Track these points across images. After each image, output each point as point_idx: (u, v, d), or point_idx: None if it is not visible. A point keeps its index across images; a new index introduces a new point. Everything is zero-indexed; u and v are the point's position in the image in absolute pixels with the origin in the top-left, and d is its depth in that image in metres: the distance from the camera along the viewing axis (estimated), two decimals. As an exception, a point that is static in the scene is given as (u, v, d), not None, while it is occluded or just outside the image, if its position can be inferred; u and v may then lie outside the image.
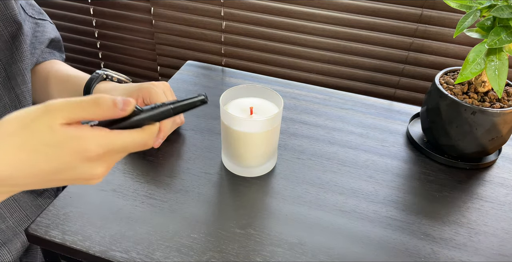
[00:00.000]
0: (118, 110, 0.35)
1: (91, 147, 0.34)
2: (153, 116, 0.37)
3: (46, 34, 0.68)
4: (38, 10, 0.69)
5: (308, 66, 0.90)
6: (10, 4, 0.57)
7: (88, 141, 0.34)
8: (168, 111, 0.37)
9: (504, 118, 0.60)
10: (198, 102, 0.38)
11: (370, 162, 0.66)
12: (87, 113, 0.34)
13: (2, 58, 0.57)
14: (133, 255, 0.51)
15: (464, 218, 0.58)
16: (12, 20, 0.58)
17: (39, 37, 0.68)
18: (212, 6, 0.89)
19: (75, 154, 0.34)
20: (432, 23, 0.78)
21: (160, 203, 0.57)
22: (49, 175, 0.35)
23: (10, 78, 0.59)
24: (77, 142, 0.34)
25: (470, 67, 0.57)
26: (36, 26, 0.67)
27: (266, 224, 0.55)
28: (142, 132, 0.37)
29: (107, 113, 0.35)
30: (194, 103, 0.37)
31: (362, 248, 0.53)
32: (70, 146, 0.34)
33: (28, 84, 0.61)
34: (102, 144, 0.35)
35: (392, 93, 0.89)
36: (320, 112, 0.75)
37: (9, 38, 0.58)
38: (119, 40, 1.02)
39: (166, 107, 0.37)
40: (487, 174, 0.65)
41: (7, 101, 0.59)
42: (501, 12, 0.53)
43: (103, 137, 0.35)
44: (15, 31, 0.59)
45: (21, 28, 0.59)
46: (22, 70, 0.60)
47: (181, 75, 0.84)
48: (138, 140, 0.37)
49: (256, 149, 0.59)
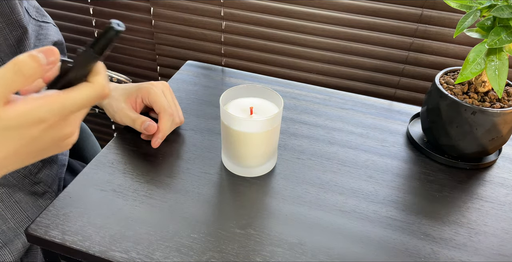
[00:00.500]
0: (44, 66, 0.33)
1: (44, 115, 0.33)
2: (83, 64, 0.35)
3: (49, 37, 0.69)
4: (42, 12, 0.70)
5: (308, 66, 0.90)
6: (16, 8, 0.57)
7: (38, 111, 0.33)
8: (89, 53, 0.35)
9: (504, 118, 0.60)
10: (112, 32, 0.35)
11: (370, 162, 0.65)
12: (14, 85, 0.32)
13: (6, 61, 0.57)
14: (133, 255, 0.51)
15: (464, 218, 0.58)
16: (18, 24, 0.58)
17: (42, 40, 0.68)
18: (212, 6, 0.89)
19: (33, 128, 0.34)
20: (432, 23, 0.78)
21: (160, 203, 0.57)
22: (20, 154, 0.35)
23: None
24: (29, 116, 0.33)
25: (470, 67, 0.57)
26: (39, 29, 0.68)
27: (266, 224, 0.55)
28: (91, 85, 0.35)
29: (36, 75, 0.33)
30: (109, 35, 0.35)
31: (362, 248, 0.53)
32: (25, 123, 0.33)
33: None
34: (55, 109, 0.34)
35: (392, 94, 0.89)
36: (320, 112, 0.75)
37: (14, 42, 0.58)
38: (119, 40, 1.02)
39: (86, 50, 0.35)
40: (487, 174, 0.65)
41: None
42: (501, 12, 0.52)
43: (52, 102, 0.33)
44: (21, 35, 0.59)
45: (27, 33, 0.59)
46: None
47: (181, 75, 0.84)
48: (91, 94, 0.35)
49: (256, 149, 0.59)
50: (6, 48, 0.57)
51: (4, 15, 0.56)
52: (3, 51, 0.57)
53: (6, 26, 0.57)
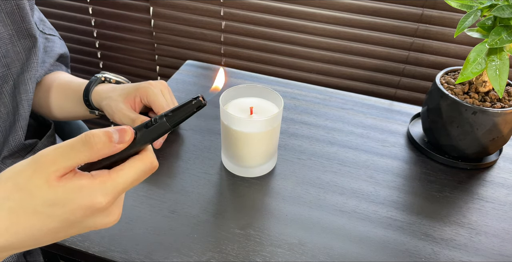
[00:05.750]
0: (114, 145, 0.31)
1: (98, 199, 0.31)
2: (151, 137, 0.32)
3: (56, 49, 0.70)
4: (49, 26, 0.71)
5: (308, 66, 0.90)
6: (28, 18, 0.58)
7: (93, 192, 0.30)
8: (165, 126, 0.32)
9: (505, 118, 0.60)
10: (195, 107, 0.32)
11: (371, 162, 0.65)
12: (81, 157, 0.30)
13: (12, 68, 0.58)
14: (132, 255, 0.50)
15: (464, 218, 0.57)
16: (27, 33, 0.59)
17: (49, 52, 0.69)
18: (211, 6, 0.88)
19: (81, 210, 0.31)
20: (432, 23, 0.78)
21: (160, 203, 0.57)
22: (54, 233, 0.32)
23: (16, 87, 0.60)
24: (81, 196, 0.30)
25: (471, 67, 0.57)
26: (46, 41, 0.69)
27: (266, 225, 0.55)
28: (142, 160, 0.33)
29: (103, 151, 0.31)
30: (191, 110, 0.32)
31: (362, 249, 0.53)
32: (74, 202, 0.30)
33: (29, 94, 0.61)
34: (109, 191, 0.31)
35: (393, 93, 0.88)
36: (320, 112, 0.75)
37: (22, 50, 0.59)
38: (118, 40, 1.02)
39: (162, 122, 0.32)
40: (488, 174, 0.65)
41: (10, 108, 0.60)
42: (502, 11, 0.52)
43: (106, 183, 0.31)
44: (29, 44, 0.60)
45: (36, 42, 0.60)
46: (26, 80, 0.61)
47: (181, 75, 0.84)
48: (142, 170, 0.33)
49: (256, 149, 0.59)
50: (14, 54, 0.58)
51: (15, 22, 0.57)
52: (10, 57, 0.58)
53: (16, 33, 0.58)
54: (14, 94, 0.60)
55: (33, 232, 0.31)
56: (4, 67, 0.57)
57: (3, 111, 0.58)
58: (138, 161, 0.32)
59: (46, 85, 0.68)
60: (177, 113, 0.31)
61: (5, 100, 0.58)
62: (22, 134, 0.62)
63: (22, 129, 0.62)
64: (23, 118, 0.62)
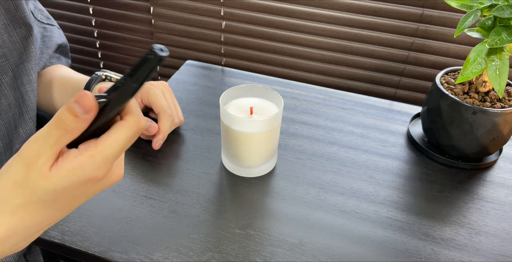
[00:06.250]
0: (85, 118, 0.30)
1: (93, 174, 0.32)
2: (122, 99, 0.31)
3: (54, 39, 0.69)
4: (47, 15, 0.70)
5: (308, 66, 0.90)
6: (21, 6, 0.58)
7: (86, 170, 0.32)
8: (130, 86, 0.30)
9: (505, 119, 0.60)
10: (155, 59, 0.29)
11: (371, 162, 0.65)
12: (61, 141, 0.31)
13: (10, 59, 0.57)
14: (132, 256, 0.50)
15: (464, 218, 0.57)
16: (22, 22, 0.58)
17: (47, 42, 0.68)
18: (212, 6, 0.88)
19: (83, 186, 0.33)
20: (433, 22, 0.78)
21: (160, 203, 0.57)
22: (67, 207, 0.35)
23: (17, 78, 0.59)
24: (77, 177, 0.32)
25: (471, 67, 0.57)
26: (44, 31, 0.68)
27: (266, 225, 0.55)
28: (126, 126, 0.33)
29: (78, 127, 0.31)
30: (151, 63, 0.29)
31: (362, 249, 0.53)
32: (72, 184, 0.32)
33: (33, 84, 0.61)
34: (101, 164, 0.32)
35: (393, 93, 0.88)
36: (320, 112, 0.75)
37: (18, 39, 0.58)
38: (119, 40, 1.02)
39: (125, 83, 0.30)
40: (488, 174, 0.65)
41: (12, 100, 0.59)
42: (502, 11, 0.52)
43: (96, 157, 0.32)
44: (25, 32, 0.59)
45: (31, 30, 0.60)
46: (28, 70, 0.60)
47: (181, 75, 0.84)
48: (128, 134, 0.33)
49: (256, 149, 0.59)
50: (10, 44, 0.57)
51: (9, 12, 0.57)
52: (7, 47, 0.57)
53: (11, 22, 0.57)
54: (15, 85, 0.59)
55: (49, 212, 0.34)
56: (2, 58, 0.56)
57: (4, 103, 0.58)
58: (122, 127, 0.33)
59: (46, 80, 0.68)
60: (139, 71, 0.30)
61: (5, 92, 0.58)
62: (33, 124, 0.62)
63: (32, 120, 0.62)
64: (31, 109, 0.61)
